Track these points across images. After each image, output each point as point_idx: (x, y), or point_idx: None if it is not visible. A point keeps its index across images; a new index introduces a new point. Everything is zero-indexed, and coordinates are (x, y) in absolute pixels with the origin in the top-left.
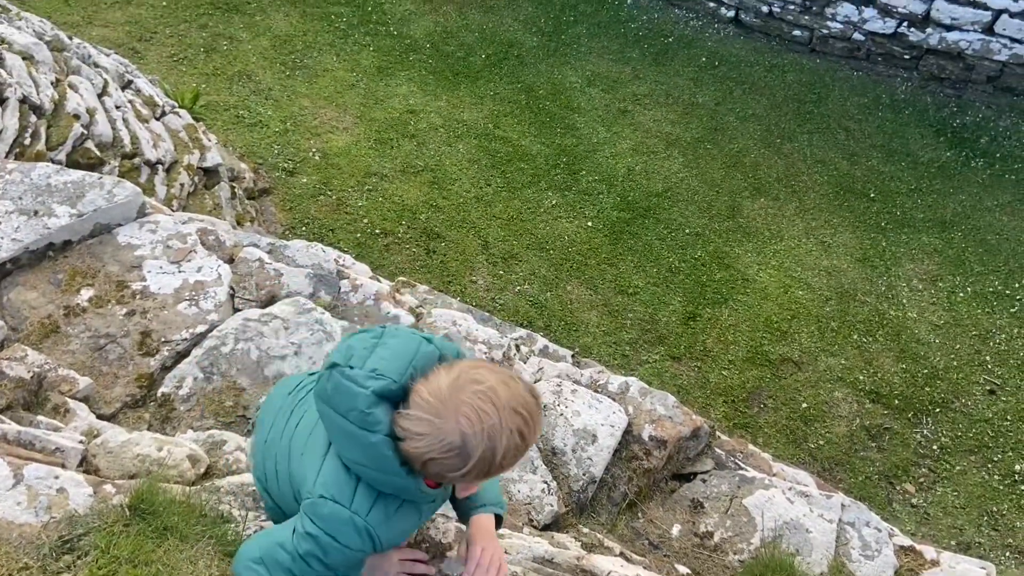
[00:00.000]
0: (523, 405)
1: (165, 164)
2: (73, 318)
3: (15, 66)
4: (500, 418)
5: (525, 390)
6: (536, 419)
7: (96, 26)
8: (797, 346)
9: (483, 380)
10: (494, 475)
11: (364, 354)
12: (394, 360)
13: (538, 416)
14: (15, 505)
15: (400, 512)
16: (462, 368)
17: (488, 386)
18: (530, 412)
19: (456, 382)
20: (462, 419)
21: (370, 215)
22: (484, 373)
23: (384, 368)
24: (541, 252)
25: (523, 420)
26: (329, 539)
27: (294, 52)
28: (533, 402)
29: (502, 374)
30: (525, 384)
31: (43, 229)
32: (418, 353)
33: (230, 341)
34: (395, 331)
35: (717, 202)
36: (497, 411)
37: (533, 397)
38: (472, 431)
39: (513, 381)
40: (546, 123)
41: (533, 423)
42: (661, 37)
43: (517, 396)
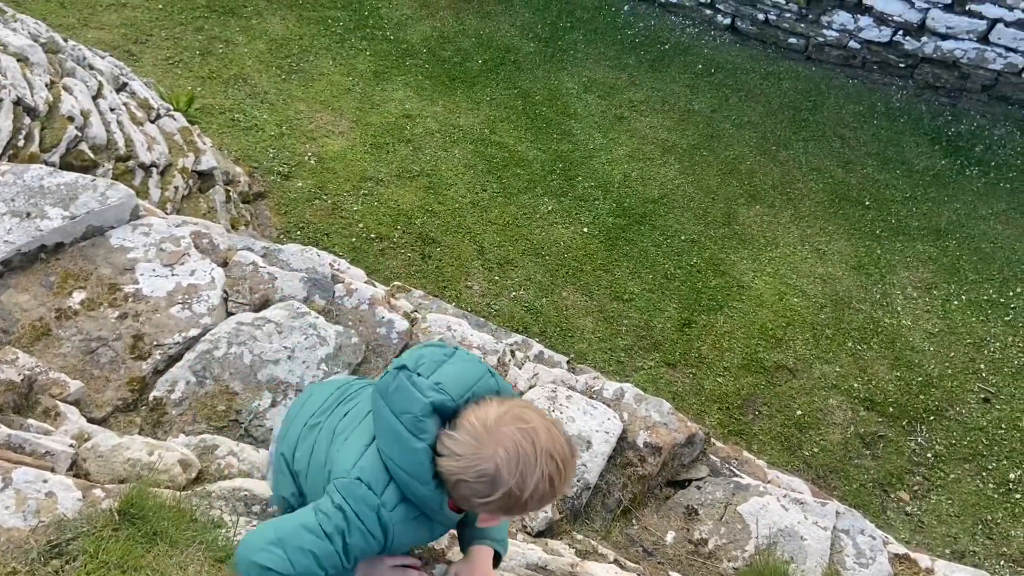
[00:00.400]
0: (560, 453)
1: (159, 167)
2: (65, 321)
3: (10, 68)
4: (536, 458)
5: (565, 441)
6: (569, 471)
7: (91, 28)
8: (792, 353)
9: (529, 420)
10: (516, 513)
11: (432, 366)
12: (458, 381)
13: (571, 469)
14: (3, 509)
15: (416, 523)
16: (513, 404)
17: (532, 427)
18: (564, 462)
19: (504, 415)
20: (500, 450)
21: (365, 220)
22: (531, 414)
23: (447, 384)
24: (537, 258)
25: (556, 467)
26: (355, 518)
27: (290, 56)
28: (569, 453)
29: (547, 421)
30: (565, 436)
31: (35, 231)
32: (480, 381)
33: (223, 345)
34: (466, 355)
35: (713, 209)
36: (535, 451)
37: (570, 449)
38: (506, 463)
39: (555, 429)
40: (542, 129)
41: (565, 473)
42: (657, 44)
43: (557, 443)
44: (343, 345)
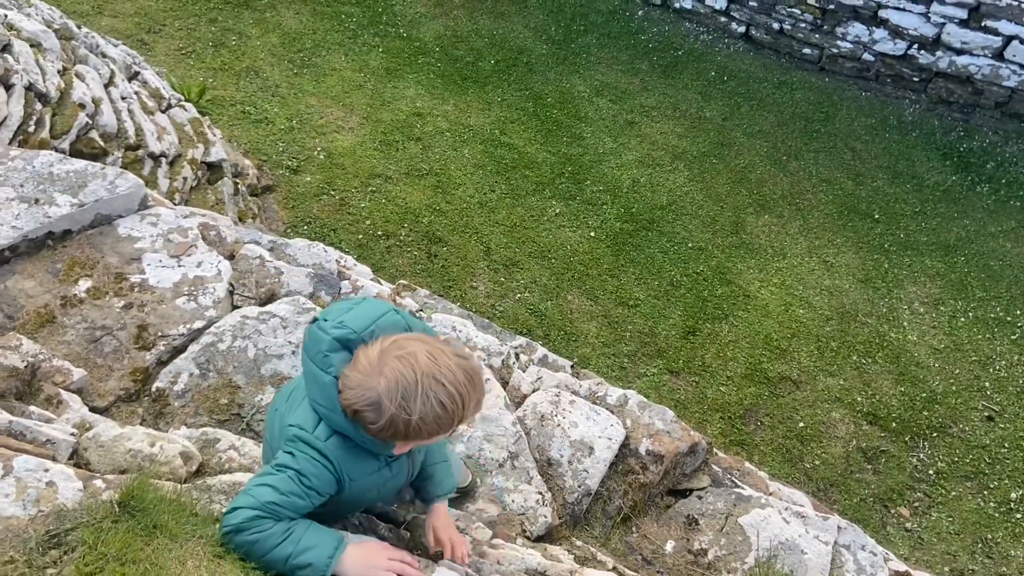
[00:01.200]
0: (447, 377)
1: (169, 157)
2: (70, 309)
3: (23, 53)
4: (417, 383)
5: (457, 366)
6: (465, 394)
7: (105, 16)
8: (796, 365)
9: (407, 348)
10: (416, 439)
11: (338, 313)
12: (359, 318)
13: (469, 392)
14: (3, 497)
15: (360, 459)
16: (399, 338)
17: (409, 352)
18: (455, 385)
19: (388, 347)
20: (381, 379)
21: (372, 217)
22: (414, 344)
23: (348, 321)
24: (543, 260)
25: (446, 391)
26: (301, 455)
27: (303, 50)
28: (463, 378)
29: (433, 347)
30: (460, 361)
31: (43, 218)
32: (383, 317)
33: (227, 338)
34: (372, 301)
35: (721, 217)
36: (415, 376)
37: (466, 374)
38: (386, 391)
39: (444, 355)
40: (553, 131)
41: (460, 397)
42: (671, 50)
43: (442, 368)
44: None
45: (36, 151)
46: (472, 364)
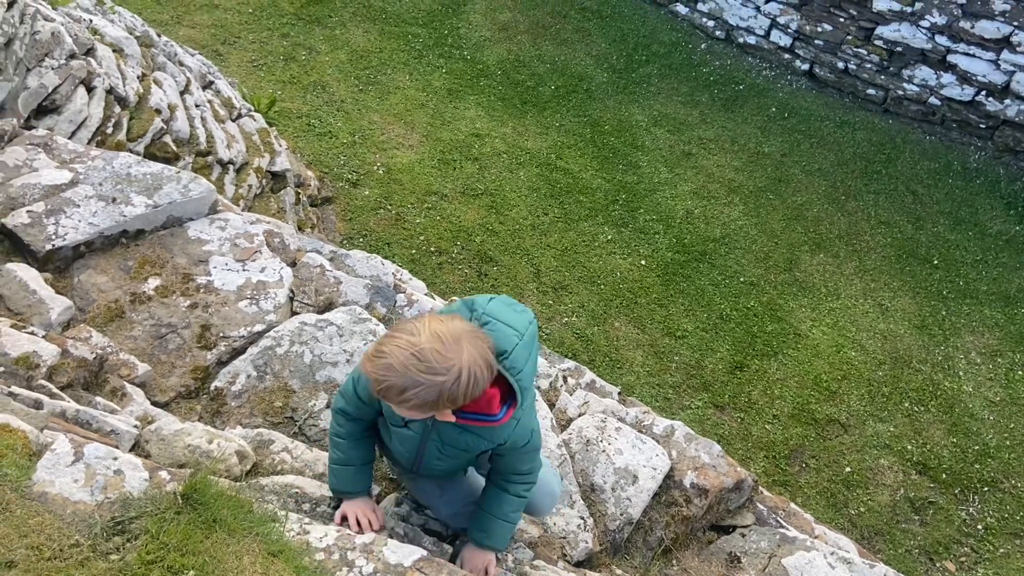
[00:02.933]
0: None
1: (236, 164)
2: (138, 305)
3: (105, 57)
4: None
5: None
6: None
7: (184, 26)
8: (845, 408)
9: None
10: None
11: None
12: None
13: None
14: (72, 482)
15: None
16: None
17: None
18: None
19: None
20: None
21: (427, 233)
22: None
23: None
24: (592, 286)
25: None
26: (357, 374)
27: (369, 68)
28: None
29: (404, 332)
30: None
31: (119, 216)
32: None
33: (285, 343)
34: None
35: (775, 253)
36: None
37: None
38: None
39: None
40: (609, 158)
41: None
42: (732, 84)
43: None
44: None
45: (116, 152)
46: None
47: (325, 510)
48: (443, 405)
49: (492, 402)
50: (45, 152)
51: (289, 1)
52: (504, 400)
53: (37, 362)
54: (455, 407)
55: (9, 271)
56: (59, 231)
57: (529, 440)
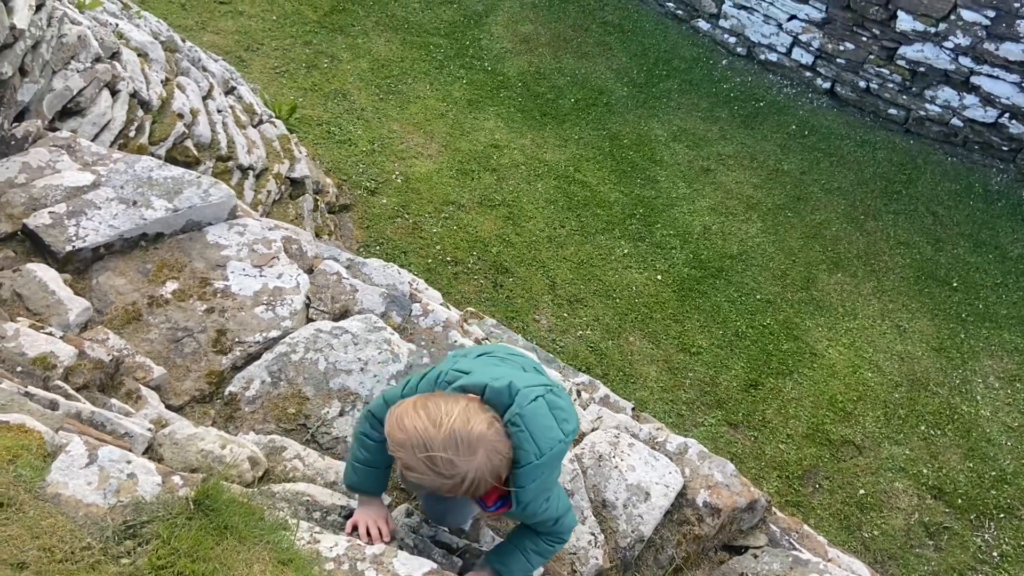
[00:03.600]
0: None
1: (256, 170)
2: (156, 308)
3: (130, 61)
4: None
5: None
6: (423, 458)
7: (208, 32)
8: (860, 429)
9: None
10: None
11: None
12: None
13: (429, 456)
14: (85, 484)
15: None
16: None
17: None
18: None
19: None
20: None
21: (443, 242)
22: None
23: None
24: (607, 299)
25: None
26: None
27: (390, 77)
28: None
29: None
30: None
31: (139, 219)
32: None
33: (300, 349)
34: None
35: (792, 271)
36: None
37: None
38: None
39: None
40: (627, 172)
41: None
42: (752, 100)
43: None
44: (414, 364)
45: (138, 155)
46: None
47: (336, 519)
48: (446, 495)
49: (489, 495)
50: (68, 154)
51: (313, 9)
52: (503, 496)
53: (54, 363)
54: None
55: (29, 271)
56: (80, 232)
57: (552, 526)
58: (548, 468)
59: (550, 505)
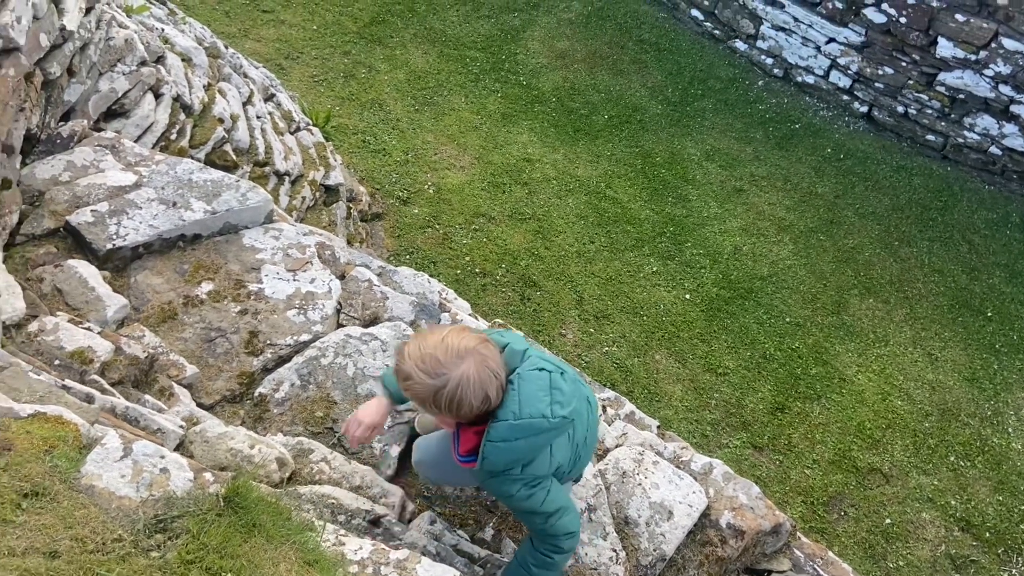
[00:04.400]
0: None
1: (292, 176)
2: (191, 308)
3: (174, 66)
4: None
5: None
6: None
7: (250, 40)
8: (888, 457)
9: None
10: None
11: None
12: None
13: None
14: (119, 477)
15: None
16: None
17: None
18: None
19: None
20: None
21: (472, 254)
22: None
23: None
24: (634, 316)
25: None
26: None
27: (426, 88)
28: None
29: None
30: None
31: (178, 220)
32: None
33: (330, 354)
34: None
35: (823, 295)
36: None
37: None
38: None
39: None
40: (658, 190)
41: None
42: (788, 122)
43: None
44: None
45: (179, 158)
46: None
47: (360, 523)
48: (434, 407)
49: (461, 442)
50: (112, 154)
51: (353, 20)
52: (474, 449)
53: (91, 357)
54: (447, 415)
55: (70, 267)
56: (120, 231)
57: (542, 524)
58: (524, 440)
59: (534, 495)
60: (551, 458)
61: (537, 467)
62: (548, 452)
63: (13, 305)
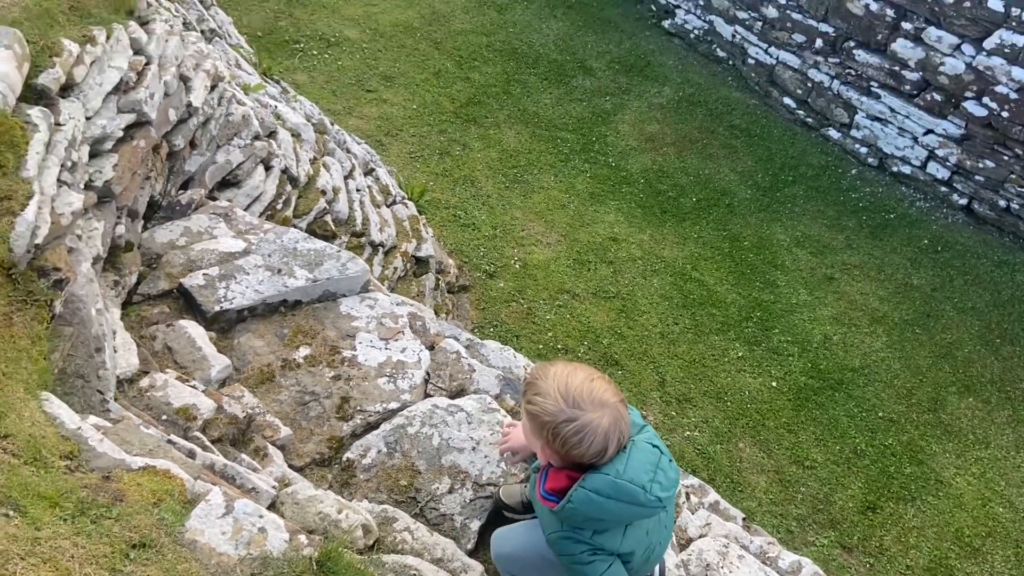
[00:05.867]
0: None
1: (385, 247)
2: (288, 371)
3: (284, 140)
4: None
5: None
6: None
7: (354, 117)
8: (988, 568)
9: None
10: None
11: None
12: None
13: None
14: (220, 534)
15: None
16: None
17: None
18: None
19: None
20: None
21: (555, 330)
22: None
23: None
24: (718, 402)
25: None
26: None
27: (517, 167)
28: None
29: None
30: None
31: (282, 286)
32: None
33: (416, 423)
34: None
35: (919, 391)
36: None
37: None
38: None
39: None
40: (746, 274)
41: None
42: (882, 212)
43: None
44: None
45: (286, 227)
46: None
47: None
48: (546, 434)
49: (549, 479)
50: (225, 222)
51: (450, 100)
52: (561, 490)
53: (195, 414)
54: (554, 450)
55: (181, 327)
56: (228, 295)
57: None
58: (615, 502)
59: (594, 564)
60: (623, 538)
61: (607, 539)
62: (622, 531)
63: (128, 361)
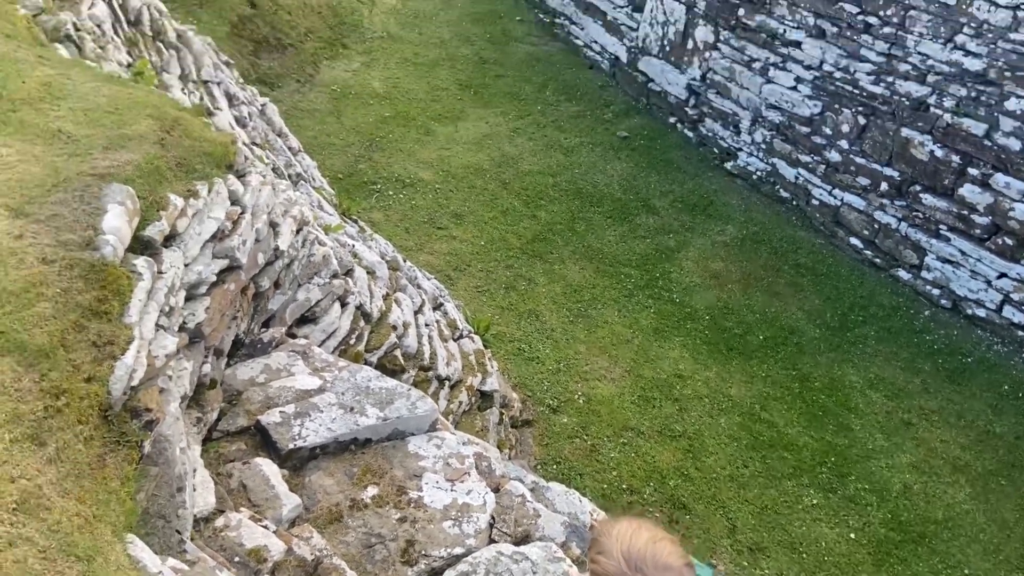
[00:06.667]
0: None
1: (451, 381)
2: (355, 512)
3: (360, 278)
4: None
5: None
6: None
7: (424, 253)
8: None
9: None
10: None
11: None
12: None
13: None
14: None
15: None
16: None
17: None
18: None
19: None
20: None
21: (620, 468)
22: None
23: None
24: (793, 553)
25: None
26: None
27: (581, 301)
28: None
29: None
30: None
31: (353, 425)
32: None
33: (480, 571)
34: None
35: (1007, 547)
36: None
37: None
38: None
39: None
40: (817, 416)
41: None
42: (959, 355)
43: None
44: None
45: (359, 365)
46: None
47: None
48: None
49: None
50: (303, 359)
51: (517, 237)
52: None
53: (266, 556)
54: None
55: (256, 464)
56: (302, 433)
57: None
58: None
59: None
60: None
61: None
62: None
63: (206, 499)
